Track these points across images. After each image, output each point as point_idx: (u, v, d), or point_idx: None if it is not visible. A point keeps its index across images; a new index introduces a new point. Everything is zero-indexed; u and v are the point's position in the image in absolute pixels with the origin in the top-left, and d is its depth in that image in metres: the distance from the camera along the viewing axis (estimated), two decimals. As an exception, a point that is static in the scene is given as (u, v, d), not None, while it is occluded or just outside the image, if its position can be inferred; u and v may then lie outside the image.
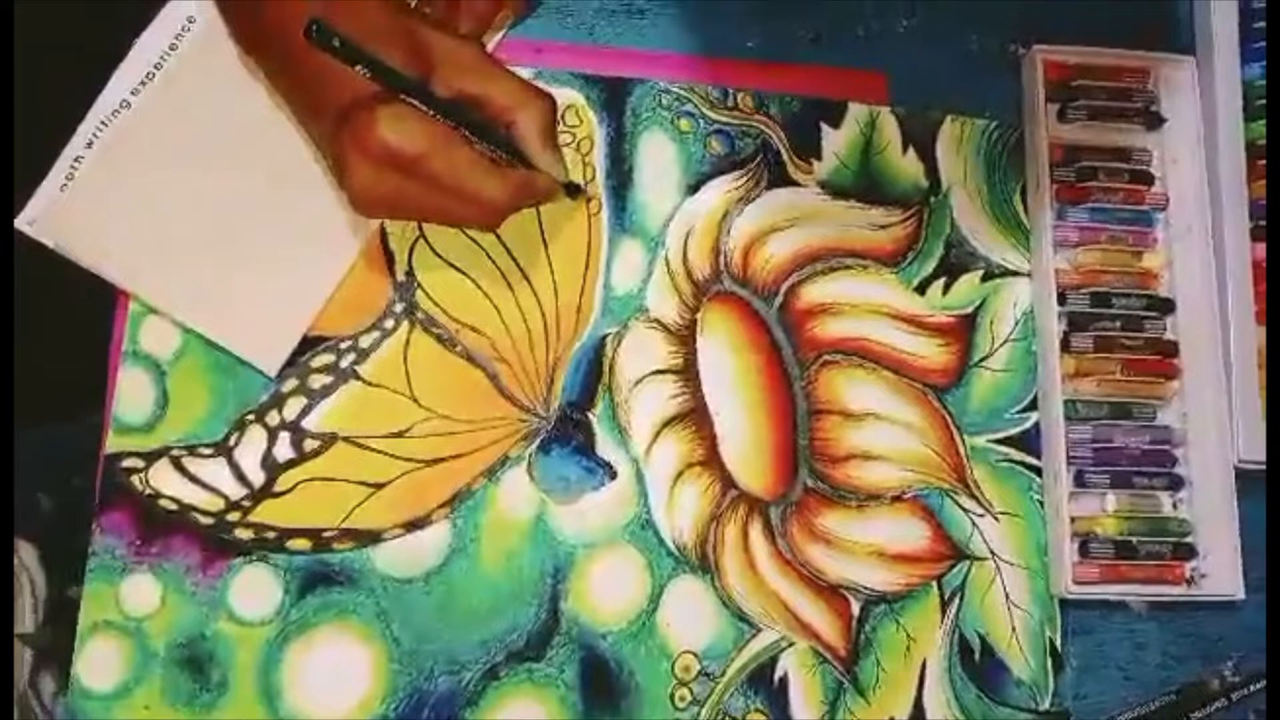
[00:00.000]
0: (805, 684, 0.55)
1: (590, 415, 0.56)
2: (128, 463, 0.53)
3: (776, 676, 0.55)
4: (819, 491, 0.56)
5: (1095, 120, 0.61)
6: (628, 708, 0.53)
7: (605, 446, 0.56)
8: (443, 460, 0.54)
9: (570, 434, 0.56)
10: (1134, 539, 0.57)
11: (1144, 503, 0.57)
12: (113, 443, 0.53)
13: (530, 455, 0.55)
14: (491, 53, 0.54)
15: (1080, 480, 0.57)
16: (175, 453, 0.53)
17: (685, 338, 0.57)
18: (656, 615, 0.54)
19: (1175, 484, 0.58)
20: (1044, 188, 0.59)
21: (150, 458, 0.53)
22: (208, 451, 0.53)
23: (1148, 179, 0.61)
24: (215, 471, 0.53)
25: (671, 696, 0.54)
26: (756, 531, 0.56)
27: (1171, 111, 0.61)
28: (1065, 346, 0.58)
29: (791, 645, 0.55)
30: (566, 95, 0.58)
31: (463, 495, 0.54)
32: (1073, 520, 0.57)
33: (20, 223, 0.53)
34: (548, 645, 0.53)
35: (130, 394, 0.53)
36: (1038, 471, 0.58)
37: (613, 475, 0.55)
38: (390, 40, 0.48)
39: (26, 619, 0.53)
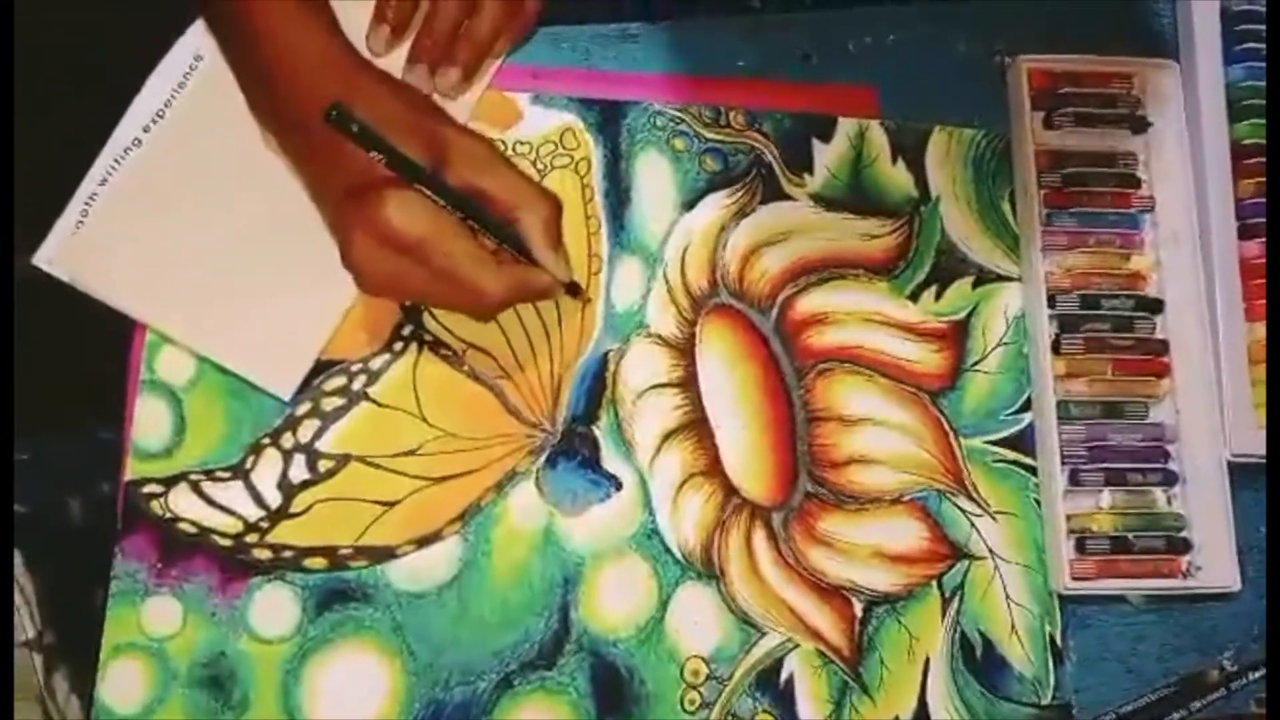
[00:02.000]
0: (811, 684, 0.56)
1: (595, 429, 0.57)
2: (148, 488, 0.54)
3: (783, 678, 0.56)
4: (819, 496, 0.58)
5: (1081, 126, 0.62)
6: (639, 713, 0.55)
7: (610, 459, 0.57)
8: (452, 477, 0.56)
9: (576, 448, 0.57)
10: (1129, 534, 0.58)
11: (1138, 499, 0.59)
12: (133, 469, 0.54)
13: (538, 469, 0.57)
14: (502, 152, 0.55)
15: (1075, 479, 0.58)
16: (194, 477, 0.55)
17: (685, 351, 0.59)
18: (664, 621, 0.56)
19: (1169, 479, 0.59)
20: (1032, 194, 0.61)
21: (169, 483, 0.54)
22: (225, 475, 0.55)
23: (1134, 182, 0.62)
24: (233, 494, 0.55)
25: (681, 700, 0.55)
26: (759, 537, 0.57)
27: (1156, 115, 0.63)
28: (1056, 348, 0.60)
29: (797, 647, 0.56)
30: (564, 119, 0.60)
31: (473, 510, 0.56)
32: (1068, 518, 0.58)
33: (38, 260, 0.55)
34: (559, 654, 0.55)
35: (148, 421, 0.55)
36: (1033, 471, 0.60)
37: (618, 487, 0.57)
38: (406, 130, 0.50)
39: (27, 626, 0.55)
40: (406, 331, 0.57)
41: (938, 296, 0.61)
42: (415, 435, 0.56)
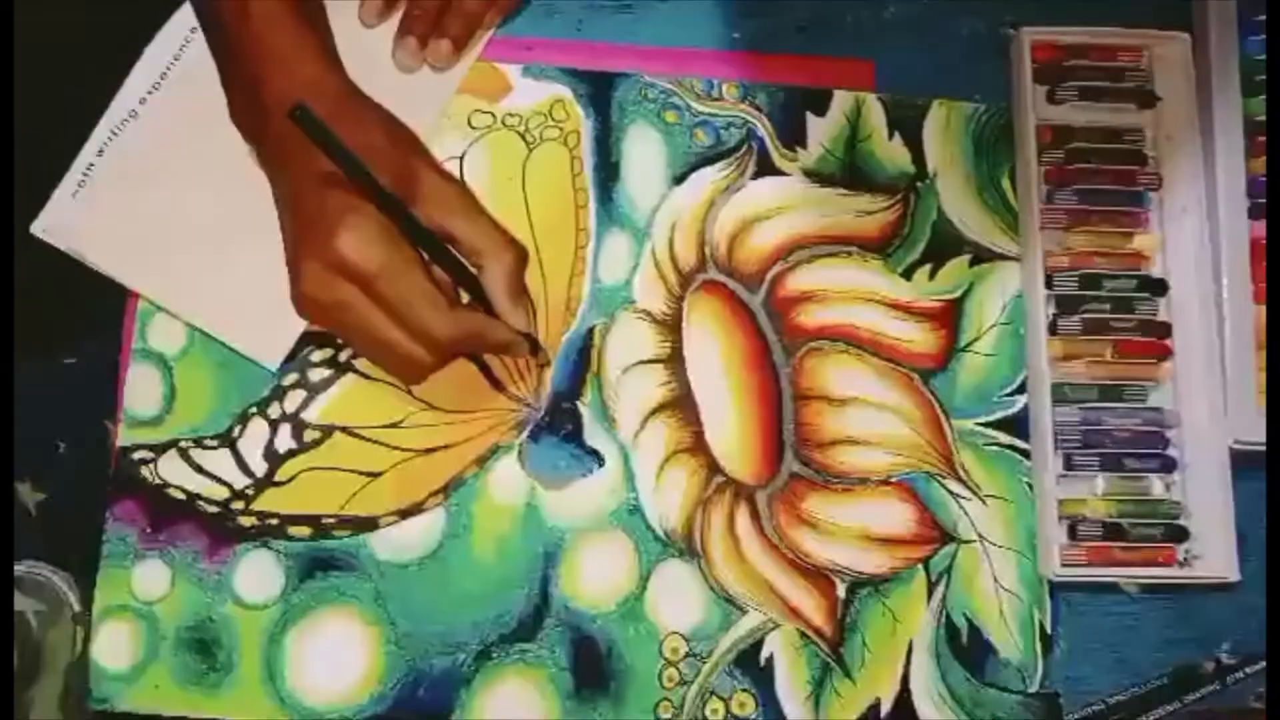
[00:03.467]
0: (791, 664, 0.56)
1: (579, 404, 0.57)
2: (138, 454, 0.55)
3: (763, 657, 0.56)
4: (804, 476, 0.57)
5: (1085, 100, 0.60)
6: (617, 688, 0.55)
7: (594, 434, 0.57)
8: (436, 450, 0.56)
9: (559, 423, 0.57)
10: (1124, 521, 0.56)
11: (1134, 485, 0.57)
12: (124, 435, 0.56)
13: (521, 444, 0.57)
14: (475, 198, 0.54)
15: (1069, 463, 0.57)
16: (183, 444, 0.56)
17: (672, 327, 0.58)
18: (644, 598, 0.56)
19: (1167, 466, 0.57)
20: (1032, 170, 0.59)
21: (159, 449, 0.56)
22: (213, 443, 0.56)
23: (1140, 159, 0.60)
24: (220, 462, 0.56)
25: (660, 676, 0.55)
26: (743, 516, 0.57)
27: (1165, 89, 0.61)
28: (1053, 329, 0.58)
29: (778, 627, 0.56)
30: (554, 90, 0.60)
31: (456, 483, 0.56)
32: (1061, 503, 0.57)
33: (35, 229, 0.56)
34: (539, 627, 0.55)
35: (140, 389, 0.56)
36: (1026, 455, 0.58)
37: (601, 462, 0.57)
38: (382, 158, 0.50)
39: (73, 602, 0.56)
40: (394, 304, 0.57)
41: (932, 275, 0.60)
42: (400, 407, 0.56)
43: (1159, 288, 0.59)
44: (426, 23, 0.58)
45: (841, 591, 0.56)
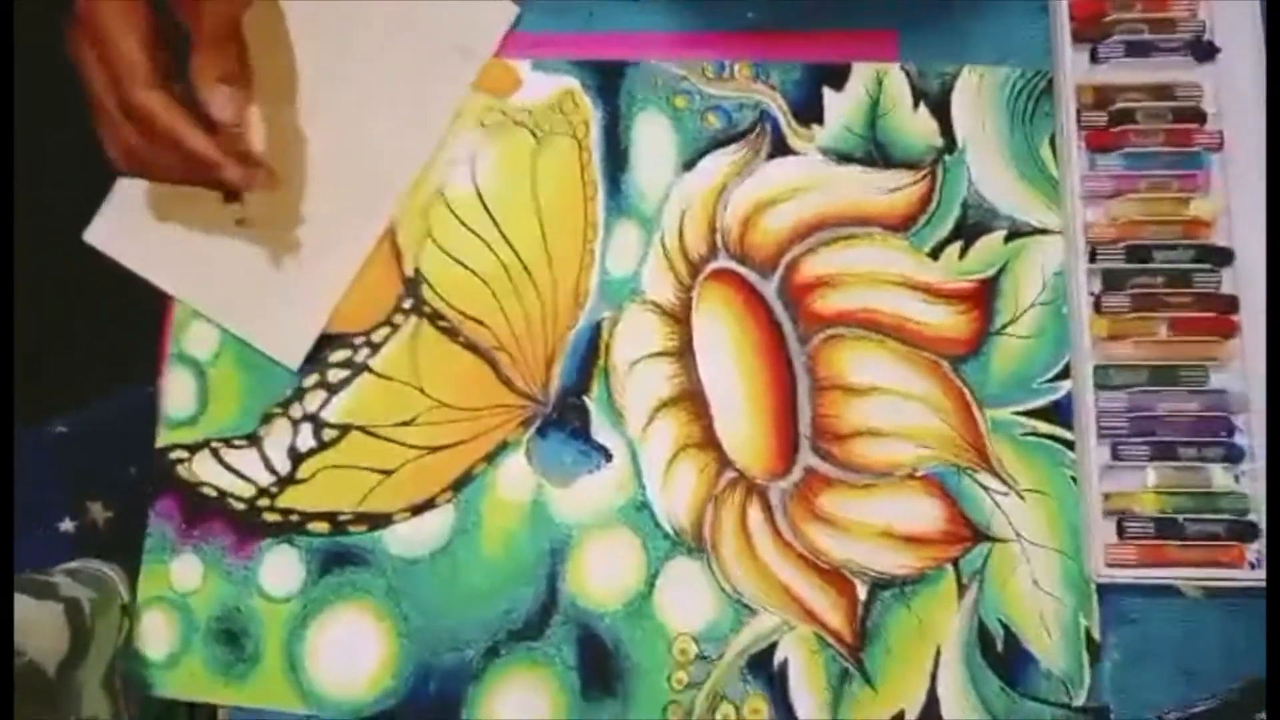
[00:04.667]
0: (807, 669, 0.53)
1: (586, 399, 0.56)
2: (175, 454, 0.58)
3: (777, 661, 0.53)
4: (821, 471, 0.54)
5: (1132, 57, 0.55)
6: (625, 689, 0.54)
7: (601, 430, 0.56)
8: (446, 447, 0.57)
9: (567, 418, 0.56)
10: (1179, 516, 0.51)
11: (1191, 477, 0.51)
12: (163, 437, 0.59)
13: (528, 440, 0.56)
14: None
15: (1115, 453, 0.52)
16: (214, 444, 0.58)
17: (681, 318, 0.57)
18: (653, 597, 0.54)
19: (1233, 455, 0.51)
20: (1071, 135, 0.54)
21: (194, 449, 0.58)
22: (241, 443, 0.58)
23: (1198, 116, 0.54)
24: (247, 461, 0.58)
25: (669, 679, 0.53)
26: (755, 512, 0.54)
27: (1227, 39, 0.54)
28: (1098, 307, 0.53)
29: (793, 629, 0.53)
30: (563, 83, 0.59)
31: (465, 480, 0.56)
32: (1106, 497, 0.52)
33: (88, 237, 0.60)
34: (546, 625, 0.55)
35: (176, 392, 0.59)
36: (1071, 446, 0.53)
37: (608, 458, 0.56)
38: None
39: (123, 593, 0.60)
40: (407, 305, 0.58)
41: (963, 253, 0.56)
42: (412, 406, 0.57)
43: (1222, 257, 0.53)
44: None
45: (862, 593, 0.53)
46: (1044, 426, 0.54)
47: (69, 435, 0.63)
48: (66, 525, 0.59)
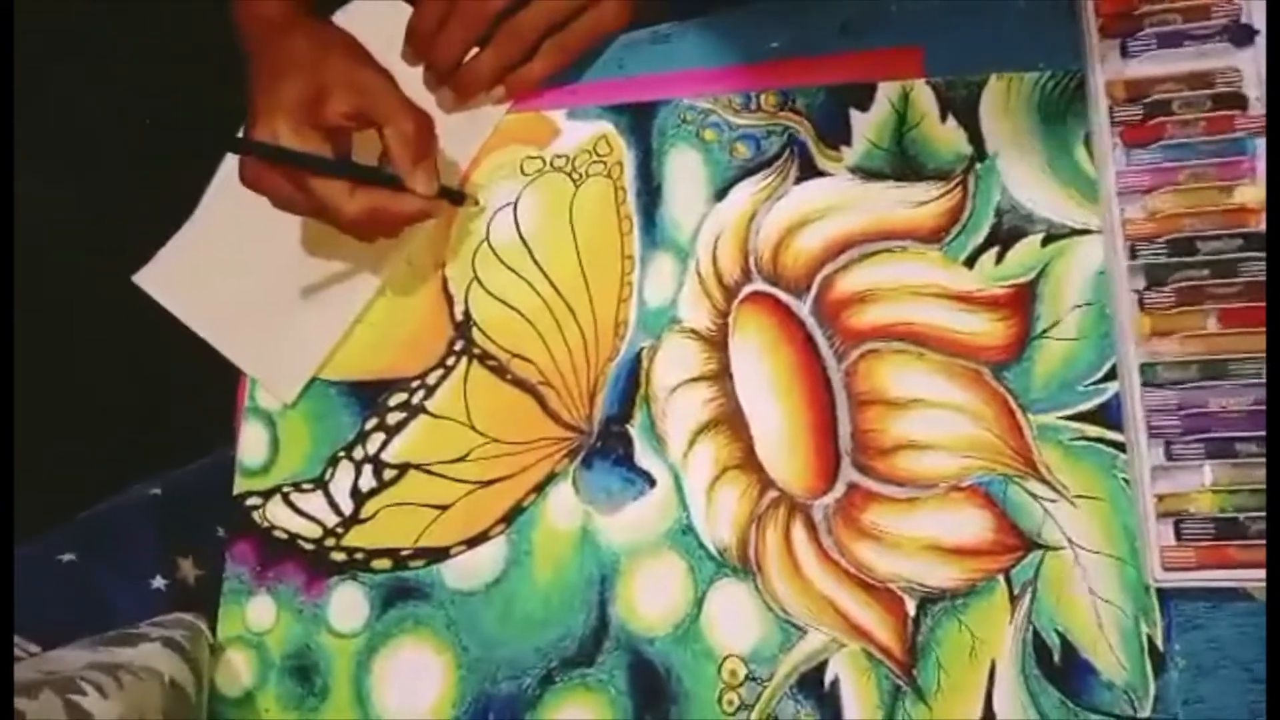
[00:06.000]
0: (858, 687, 0.52)
1: (629, 427, 0.57)
2: (250, 501, 0.62)
3: (827, 680, 0.52)
4: (864, 486, 0.54)
5: (1166, 48, 0.53)
6: (677, 712, 0.54)
7: (644, 456, 0.57)
8: (498, 480, 0.58)
9: (611, 447, 0.57)
10: (1240, 515, 0.48)
11: (1251, 474, 0.49)
12: (239, 485, 0.62)
13: (574, 470, 0.58)
14: (382, 72, 0.59)
15: (1168, 453, 0.50)
16: (285, 489, 0.61)
17: (718, 343, 0.57)
18: (700, 619, 0.54)
19: (1296, 449, 0.49)
20: (1104, 132, 0.53)
21: (267, 495, 0.62)
22: (309, 487, 0.61)
23: (1240, 102, 0.52)
24: (315, 503, 0.61)
25: (720, 700, 0.53)
26: (799, 531, 0.54)
27: (1266, 20, 0.53)
28: (1142, 305, 0.51)
29: (842, 647, 0.52)
30: (598, 127, 0.61)
31: (516, 511, 0.58)
32: (1160, 499, 0.49)
33: (137, 278, 0.65)
34: (598, 651, 0.55)
35: (251, 443, 0.62)
36: (1121, 448, 0.51)
37: (652, 484, 0.56)
38: (301, 64, 0.57)
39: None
40: (458, 347, 0.61)
41: (999, 259, 0.55)
42: (465, 442, 0.59)
43: (1271, 244, 0.51)
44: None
45: (911, 608, 0.52)
46: (1092, 430, 0.52)
47: (161, 497, 0.68)
48: (158, 583, 0.63)
